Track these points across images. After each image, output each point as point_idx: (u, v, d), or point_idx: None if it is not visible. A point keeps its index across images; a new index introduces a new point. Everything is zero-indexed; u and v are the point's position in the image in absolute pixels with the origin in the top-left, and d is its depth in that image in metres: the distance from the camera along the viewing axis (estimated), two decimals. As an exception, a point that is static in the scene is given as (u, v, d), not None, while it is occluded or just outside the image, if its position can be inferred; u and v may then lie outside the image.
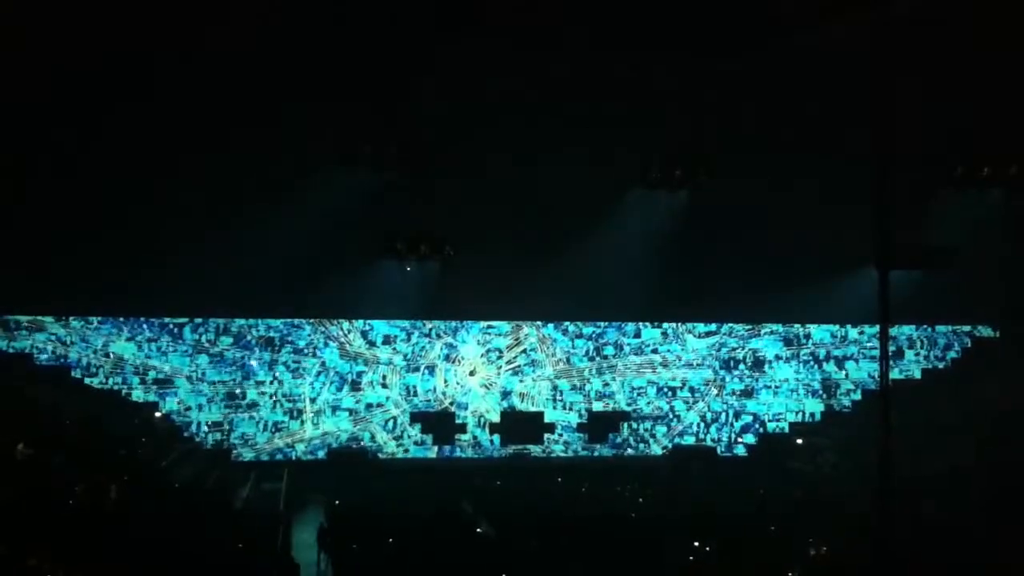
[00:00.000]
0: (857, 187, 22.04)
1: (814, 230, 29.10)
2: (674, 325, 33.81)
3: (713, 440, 33.77)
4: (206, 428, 30.54)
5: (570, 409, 33.07)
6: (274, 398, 31.07)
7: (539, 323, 33.12)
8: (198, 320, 30.64)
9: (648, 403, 33.48)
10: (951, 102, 24.20)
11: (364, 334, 31.90)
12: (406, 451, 31.85)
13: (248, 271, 27.59)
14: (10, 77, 21.89)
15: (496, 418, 32.62)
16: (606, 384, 33.32)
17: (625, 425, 33.28)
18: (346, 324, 31.75)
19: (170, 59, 22.27)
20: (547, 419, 32.90)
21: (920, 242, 28.93)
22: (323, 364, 31.48)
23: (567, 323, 33.24)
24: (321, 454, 31.17)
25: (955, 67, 23.04)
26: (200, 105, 23.65)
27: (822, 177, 27.66)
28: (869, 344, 33.92)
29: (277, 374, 31.15)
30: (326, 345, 31.60)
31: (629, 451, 33.18)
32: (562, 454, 32.82)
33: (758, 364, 34.12)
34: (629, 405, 33.40)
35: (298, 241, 27.38)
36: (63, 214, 26.08)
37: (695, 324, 33.88)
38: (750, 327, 34.15)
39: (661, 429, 33.49)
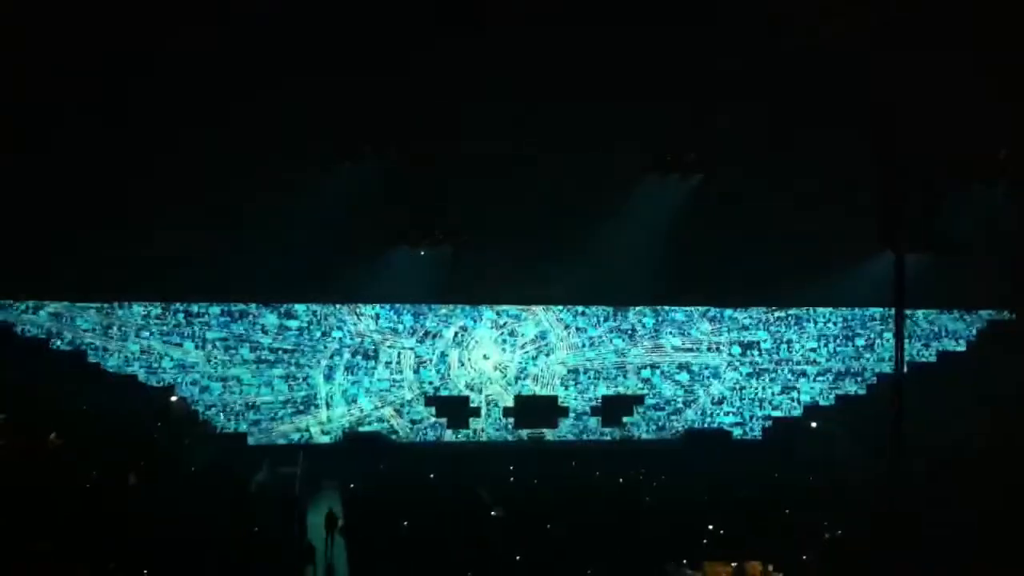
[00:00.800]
0: (877, 173, 22.01)
1: (830, 215, 29.01)
2: (688, 308, 33.70)
3: (727, 424, 33.72)
4: (222, 412, 30.67)
5: (584, 393, 33.07)
6: (289, 382, 31.16)
7: (553, 307, 33.07)
8: (214, 305, 30.71)
9: (662, 386, 33.44)
10: (965, 96, 24.07)
11: (379, 319, 31.92)
12: (421, 435, 31.93)
13: (264, 257, 27.69)
14: (12, 74, 22.01)
15: (510, 402, 32.65)
16: (620, 367, 33.29)
17: (639, 409, 33.26)
18: (361, 308, 31.76)
19: (181, 52, 22.33)
20: (561, 403, 32.92)
21: (936, 226, 28.87)
22: (338, 348, 31.54)
23: (580, 307, 33.17)
24: (336, 438, 31.28)
25: (958, 57, 22.90)
26: (215, 99, 23.71)
27: (841, 163, 27.57)
28: (884, 328, 33.73)
29: (292, 358, 31.23)
30: (341, 329, 31.64)
31: (643, 435, 33.17)
32: (576, 438, 32.84)
33: (773, 347, 34.01)
34: (643, 388, 33.37)
35: (313, 228, 27.45)
36: (85, 202, 26.17)
37: (709, 307, 33.75)
38: (766, 310, 34.01)
39: (675, 413, 33.46)
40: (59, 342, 29.50)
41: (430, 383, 32.01)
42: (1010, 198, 29.44)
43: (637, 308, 33.33)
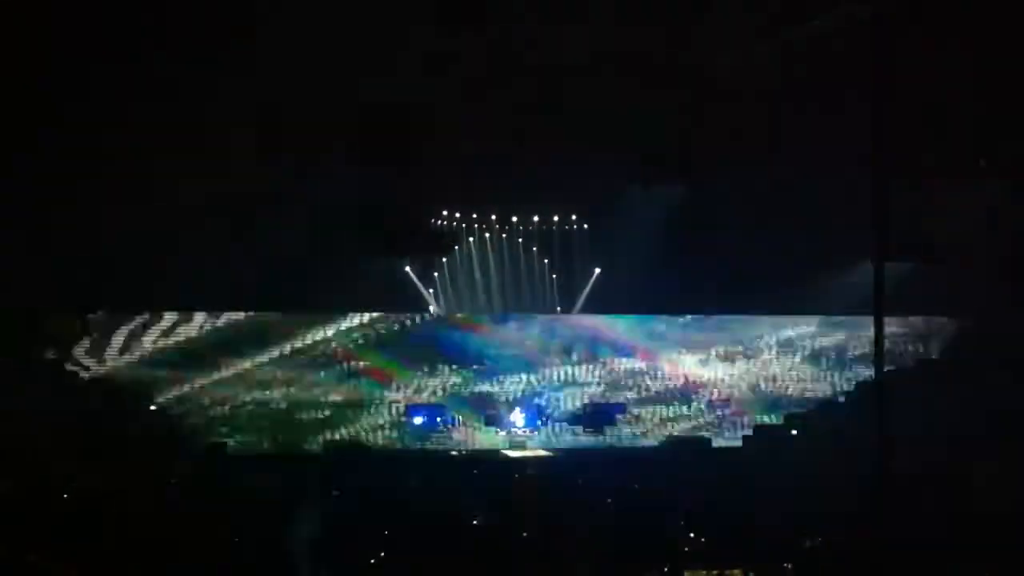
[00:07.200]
0: (854, 179, 22.13)
1: (810, 221, 29.15)
2: (670, 316, 33.78)
3: (708, 430, 33.73)
4: (202, 421, 30.50)
5: (566, 400, 33.05)
6: (271, 391, 31.03)
7: (540, 314, 33.06)
8: (194, 313, 30.57)
9: (644, 393, 33.46)
10: (950, 99, 24.24)
11: (359, 328, 31.81)
12: (403, 443, 31.82)
13: (242, 266, 27.58)
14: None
15: (493, 410, 32.57)
16: (601, 375, 33.29)
17: (621, 416, 33.24)
18: (341, 318, 31.65)
19: (160, 56, 22.23)
20: (544, 410, 32.86)
21: (916, 234, 29.02)
22: (318, 358, 31.44)
23: (563, 315, 33.22)
24: (317, 447, 31.13)
25: (954, 65, 23.05)
26: (190, 102, 23.64)
27: (820, 169, 27.73)
28: (863, 336, 33.84)
29: (273, 368, 31.10)
30: (322, 339, 31.53)
31: (625, 442, 33.17)
32: (559, 445, 32.83)
33: (753, 355, 34.10)
34: (625, 395, 33.36)
35: (292, 237, 27.38)
36: (58, 207, 26.03)
37: (693, 315, 33.84)
38: (745, 317, 34.11)
39: (657, 419, 33.46)
40: (39, 349, 29.33)
41: (413, 392, 31.87)
42: (1006, 194, 29.37)
43: (621, 315, 33.40)
